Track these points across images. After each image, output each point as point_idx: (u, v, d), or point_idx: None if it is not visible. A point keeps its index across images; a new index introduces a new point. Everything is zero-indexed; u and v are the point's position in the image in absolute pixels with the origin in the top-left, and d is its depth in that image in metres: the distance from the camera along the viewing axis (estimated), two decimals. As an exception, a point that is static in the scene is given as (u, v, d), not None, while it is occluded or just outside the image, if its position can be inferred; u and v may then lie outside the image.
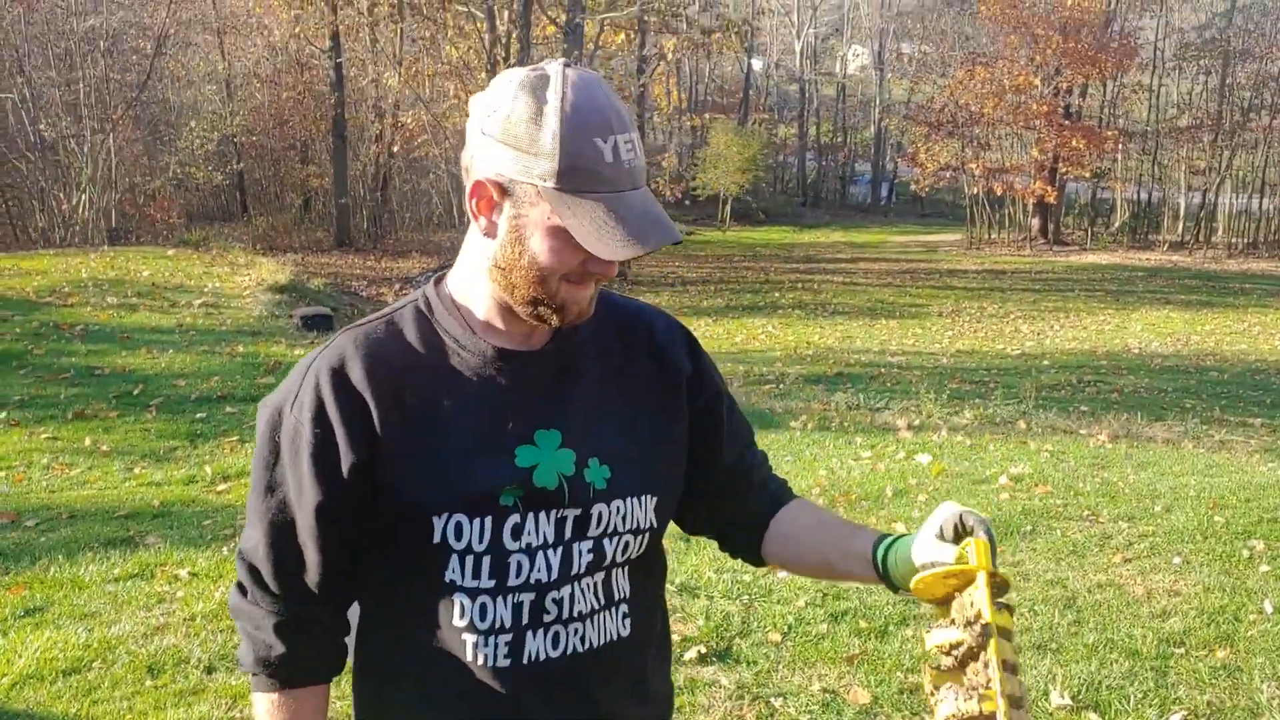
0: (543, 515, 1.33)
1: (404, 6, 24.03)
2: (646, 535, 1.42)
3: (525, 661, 1.33)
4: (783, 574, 4.71)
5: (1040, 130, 28.75)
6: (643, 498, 1.41)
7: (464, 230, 1.40)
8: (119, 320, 12.27)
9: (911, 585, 1.33)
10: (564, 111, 1.22)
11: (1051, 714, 3.40)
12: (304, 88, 27.07)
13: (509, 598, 1.32)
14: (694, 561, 4.83)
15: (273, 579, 1.36)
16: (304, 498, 1.32)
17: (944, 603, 1.33)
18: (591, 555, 1.36)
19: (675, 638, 3.93)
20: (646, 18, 22.35)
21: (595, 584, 1.38)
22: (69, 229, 22.05)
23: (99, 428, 8.14)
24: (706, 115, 38.92)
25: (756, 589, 4.51)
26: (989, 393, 10.76)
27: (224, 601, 4.36)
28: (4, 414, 8.35)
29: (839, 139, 47.48)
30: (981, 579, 1.27)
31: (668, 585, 1.64)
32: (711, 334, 16.59)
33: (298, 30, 24.23)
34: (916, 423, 8.78)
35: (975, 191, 30.37)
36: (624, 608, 1.42)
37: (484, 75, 22.09)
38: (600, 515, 1.36)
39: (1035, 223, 30.52)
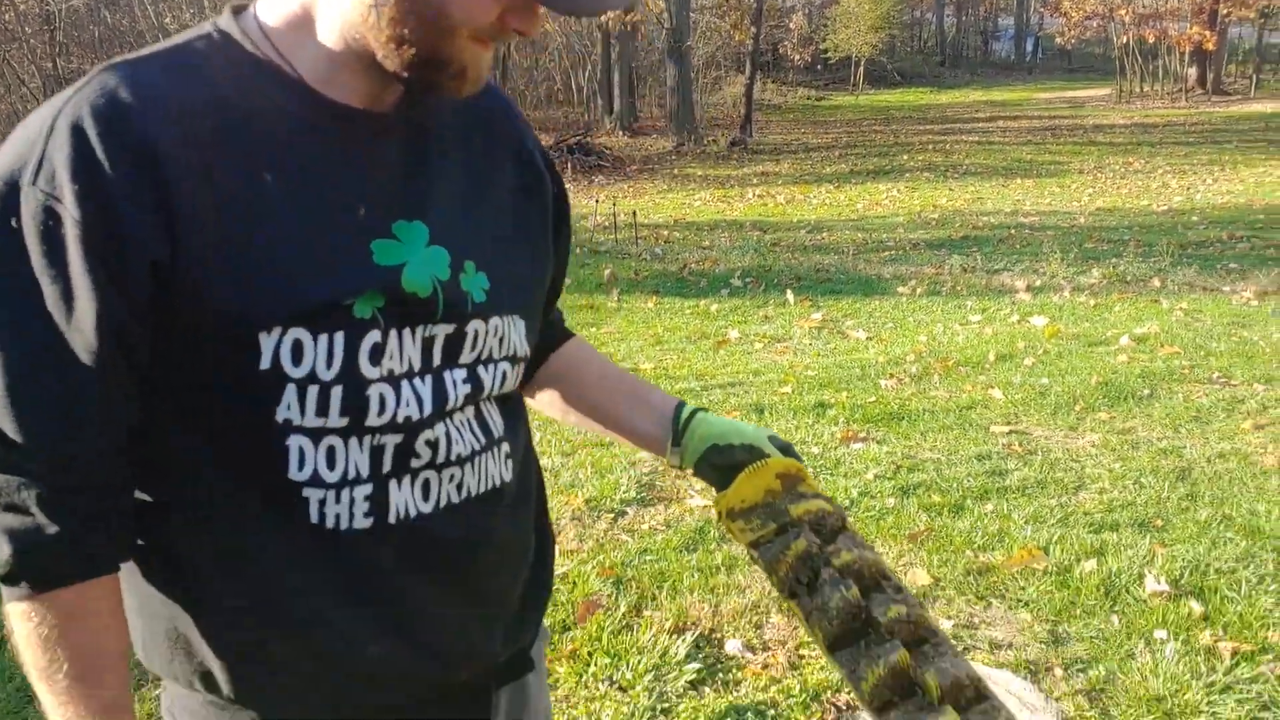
0: (407, 333, 0.97)
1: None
2: (520, 366, 1.12)
3: (392, 520, 0.98)
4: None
5: (1199, -32, 26.34)
6: (517, 319, 1.09)
7: (582, 106, 0.99)
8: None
9: (730, 490, 1.26)
10: None
11: (1145, 601, 2.94)
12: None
13: (366, 440, 0.96)
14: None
15: (27, 436, 0.89)
16: (76, 313, 0.88)
17: (741, 515, 1.25)
18: (468, 387, 1.03)
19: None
20: None
21: (469, 420, 1.05)
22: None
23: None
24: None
25: (824, 461, 4.12)
26: (1125, 252, 9.92)
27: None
28: None
29: (979, -8, 44.72)
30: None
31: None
32: (831, 201, 15.87)
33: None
34: (1038, 284, 8.09)
35: (1125, 41, 28.13)
36: (505, 447, 1.09)
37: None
38: (476, 336, 1.03)
39: (1192, 72, 28.17)
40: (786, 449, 1.29)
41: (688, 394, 5.20)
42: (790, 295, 8.05)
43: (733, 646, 2.77)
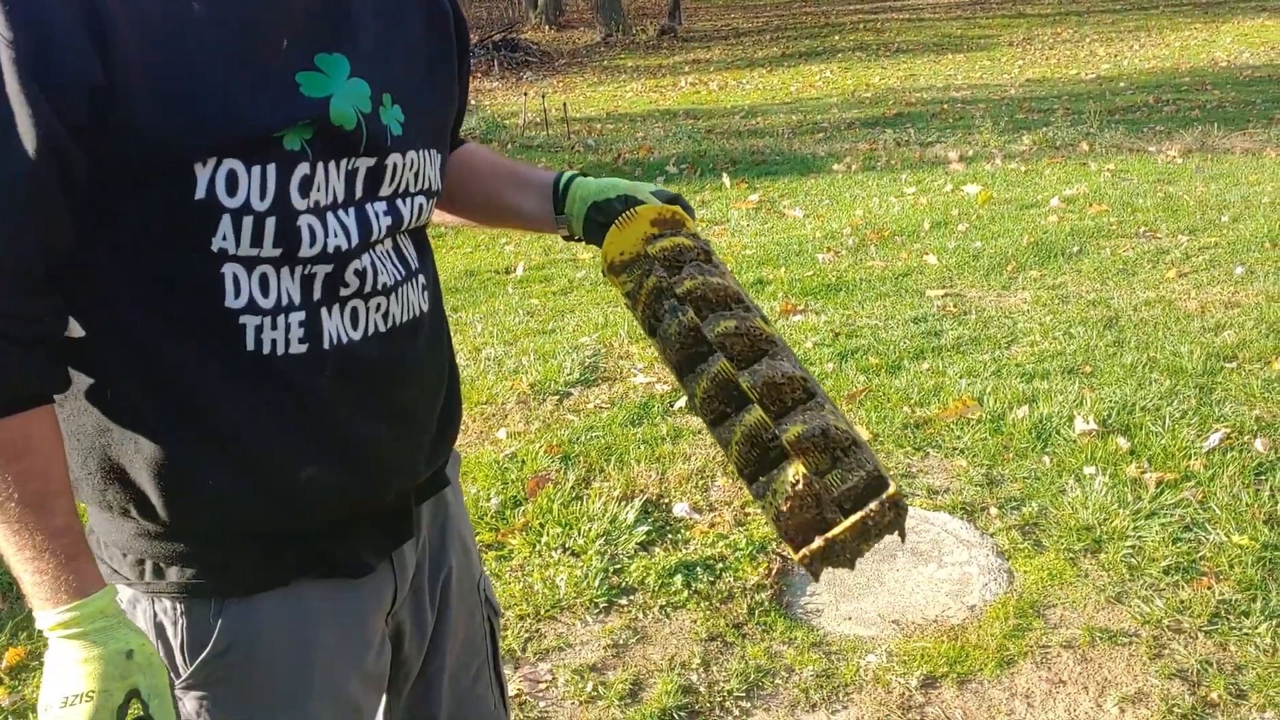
0: (333, 166, 1.00)
1: None
2: (434, 200, 1.15)
3: (326, 346, 1.02)
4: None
5: None
6: (433, 153, 1.12)
7: (506, 1, 0.98)
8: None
9: (615, 224, 1.25)
10: None
11: (1075, 440, 3.05)
12: None
13: (298, 270, 0.99)
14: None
15: (17, 248, 0.89)
16: (12, 138, 0.86)
17: (621, 269, 1.26)
18: (389, 219, 1.06)
19: (664, 388, 3.65)
20: None
21: (389, 252, 1.09)
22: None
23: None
24: None
25: (765, 333, 4.17)
26: (1054, 120, 9.99)
27: None
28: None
29: None
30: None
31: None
32: (765, 84, 15.73)
33: None
34: (970, 154, 8.15)
35: (1052, -93, 27.88)
36: (421, 279, 1.14)
37: None
38: (395, 168, 1.06)
39: (1120, -63, 28.06)
40: (673, 199, 1.30)
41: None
42: (726, 179, 8.03)
43: (680, 509, 2.84)
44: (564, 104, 12.50)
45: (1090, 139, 8.30)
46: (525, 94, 14.31)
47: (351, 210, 1.02)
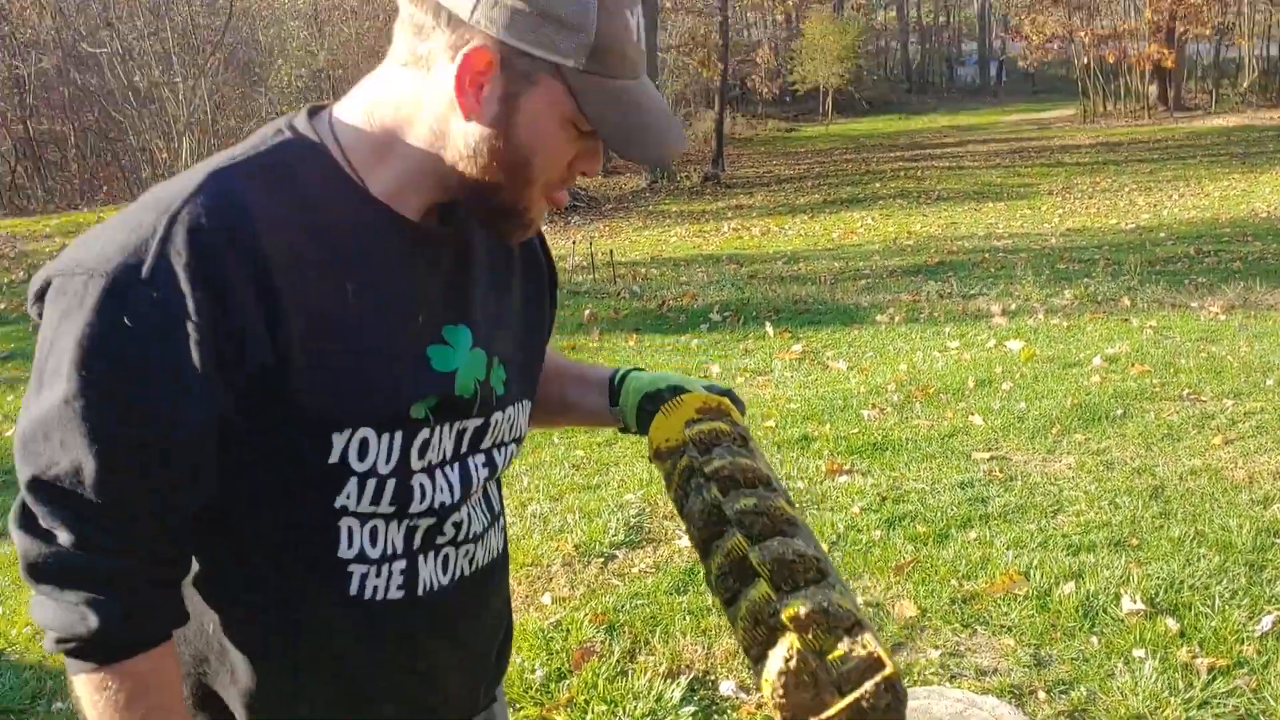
0: (447, 428, 1.08)
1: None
2: (521, 444, 1.23)
3: (420, 592, 1.09)
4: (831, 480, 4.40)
5: (1153, -12, 26.84)
6: (524, 404, 1.21)
7: None
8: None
9: (660, 411, 1.30)
10: None
11: (1122, 620, 3.03)
12: (387, 16, 26.89)
13: (405, 522, 1.07)
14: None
15: (116, 517, 0.94)
16: (181, 407, 0.93)
17: (666, 456, 1.27)
18: (486, 470, 1.15)
19: (709, 554, 3.67)
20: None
21: (481, 500, 1.17)
22: (173, 176, 22.54)
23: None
24: (791, 2, 37.53)
25: (810, 496, 4.20)
26: (1095, 271, 10.08)
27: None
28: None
29: (941, 20, 45.39)
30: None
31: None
32: (807, 230, 16.03)
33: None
34: (1012, 307, 8.23)
35: (1086, 62, 28.64)
36: (501, 520, 1.24)
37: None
38: (495, 424, 1.15)
39: (1153, 89, 28.66)
40: (724, 393, 1.35)
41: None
42: (770, 328, 8.16)
43: (727, 688, 2.84)
44: (610, 249, 12.81)
45: (1132, 293, 8.37)
46: (574, 239, 14.70)
47: (456, 465, 1.10)
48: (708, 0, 26.11)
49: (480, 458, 1.14)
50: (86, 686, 0.96)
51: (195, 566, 1.05)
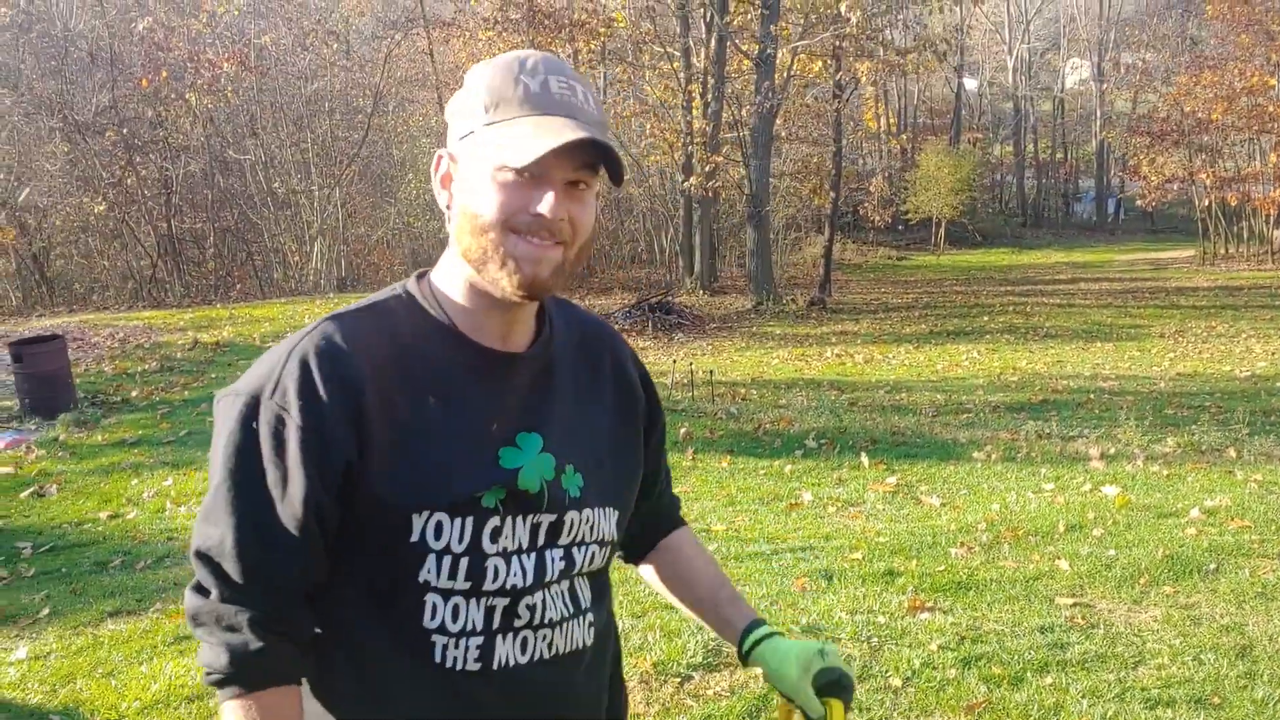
0: (519, 520, 1.31)
1: (605, 52, 24.66)
2: (609, 548, 1.44)
3: (495, 666, 1.31)
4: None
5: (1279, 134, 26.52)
6: (607, 510, 1.41)
7: (665, 266, 1.38)
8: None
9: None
10: (501, 64, 1.28)
11: (1195, 779, 3.02)
12: (512, 136, 28.06)
13: (483, 601, 1.30)
14: (827, 602, 4.60)
15: (247, 578, 1.24)
16: (289, 492, 1.23)
17: None
18: (563, 563, 1.36)
19: (784, 680, 3.75)
20: (841, 44, 21.99)
21: (563, 591, 1.38)
22: (302, 279, 23.70)
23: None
24: (906, 135, 37.98)
25: (889, 631, 4.25)
26: (1204, 418, 9.90)
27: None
28: (202, 452, 8.94)
29: (1059, 155, 45.38)
30: None
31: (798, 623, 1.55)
32: (911, 360, 16.03)
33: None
34: (1112, 452, 8.15)
35: (1207, 203, 28.30)
36: (590, 616, 1.42)
37: (679, 112, 22.37)
38: (572, 523, 1.37)
39: (1278, 234, 28.10)
40: (835, 683, 1.49)
41: (758, 557, 5.38)
42: (865, 458, 8.21)
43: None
44: (711, 368, 13.01)
45: (1239, 444, 8.22)
46: (675, 357, 14.96)
47: (532, 555, 1.32)
48: (823, 131, 26.68)
49: (558, 552, 1.35)
50: (229, 712, 1.24)
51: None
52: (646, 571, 1.66)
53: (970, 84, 45.11)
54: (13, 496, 7.96)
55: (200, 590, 1.26)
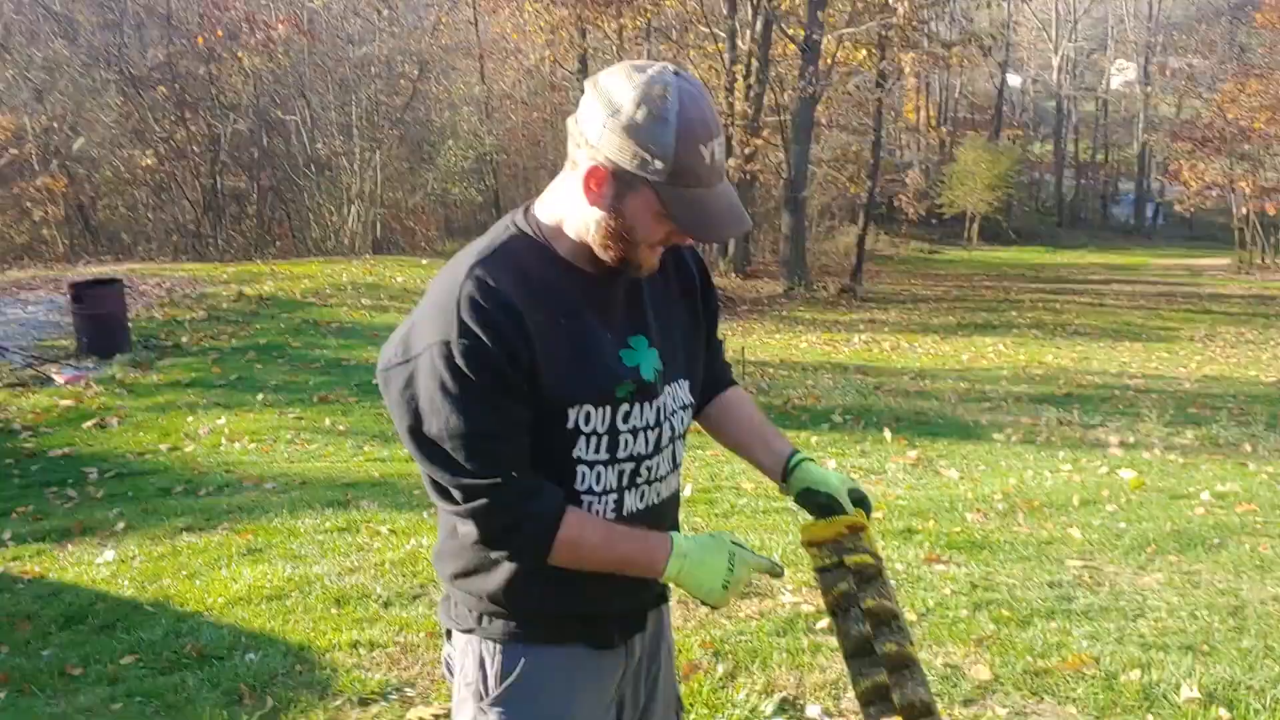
0: (644, 403, 1.68)
1: (650, 29, 24.89)
2: (690, 411, 1.83)
3: (624, 514, 1.71)
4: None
5: (1323, 146, 26.51)
6: (684, 381, 1.80)
7: (699, 247, 1.93)
8: (370, 319, 13.38)
9: (812, 525, 1.85)
10: (679, 125, 1.53)
11: (1180, 705, 3.33)
12: (553, 109, 28.41)
13: (616, 467, 1.68)
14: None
15: (506, 467, 1.58)
16: (508, 397, 1.56)
17: (815, 545, 1.83)
18: (670, 431, 1.75)
19: (809, 608, 4.08)
20: (887, 33, 22.16)
21: (670, 454, 1.78)
22: (338, 239, 24.12)
23: (339, 411, 9.00)
24: (946, 128, 37.98)
25: (905, 577, 4.57)
26: (1223, 417, 10.13)
27: (412, 552, 4.83)
28: (261, 395, 9.36)
29: (1099, 157, 45.23)
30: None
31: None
32: (937, 350, 16.30)
33: (549, 55, 25.52)
34: (1131, 440, 8.42)
35: (1245, 212, 28.30)
36: (680, 470, 1.84)
37: (723, 94, 22.60)
38: (669, 396, 1.74)
39: (1315, 245, 28.10)
40: (860, 500, 1.89)
41: (785, 511, 5.70)
42: (888, 433, 8.52)
43: (813, 710, 3.24)
44: (742, 346, 13.32)
45: (1255, 440, 8.47)
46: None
47: (655, 430, 1.71)
48: (863, 120, 26.85)
49: (666, 425, 1.73)
50: (566, 548, 1.62)
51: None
52: (705, 421, 1.99)
53: (1014, 80, 45.02)
54: (76, 426, 8.39)
55: (479, 515, 1.59)
